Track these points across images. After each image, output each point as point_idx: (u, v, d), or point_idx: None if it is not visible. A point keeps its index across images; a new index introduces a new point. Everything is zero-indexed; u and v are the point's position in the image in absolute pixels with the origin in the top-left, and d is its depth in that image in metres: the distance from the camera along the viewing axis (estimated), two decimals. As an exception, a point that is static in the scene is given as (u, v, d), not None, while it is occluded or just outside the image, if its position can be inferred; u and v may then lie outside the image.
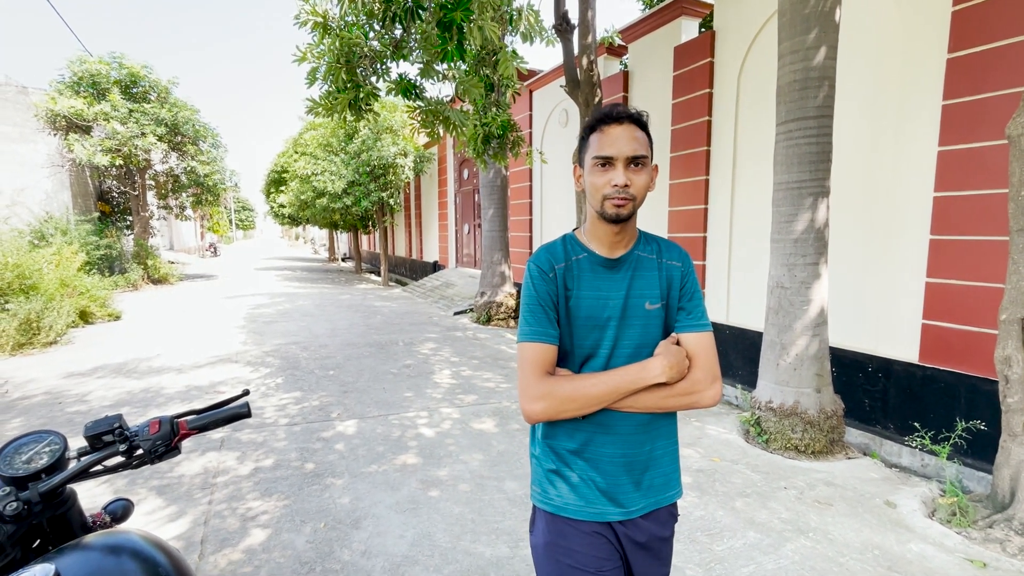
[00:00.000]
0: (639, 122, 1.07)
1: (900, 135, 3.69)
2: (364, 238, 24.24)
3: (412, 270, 17.63)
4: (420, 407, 4.44)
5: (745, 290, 5.07)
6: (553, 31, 5.37)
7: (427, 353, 6.49)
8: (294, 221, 22.24)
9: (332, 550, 2.41)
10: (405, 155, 13.30)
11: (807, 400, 3.51)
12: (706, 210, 5.44)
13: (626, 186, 1.03)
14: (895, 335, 3.76)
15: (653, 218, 6.13)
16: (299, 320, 8.80)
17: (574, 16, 5.41)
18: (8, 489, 0.83)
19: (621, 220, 1.07)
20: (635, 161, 1.05)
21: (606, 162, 1.05)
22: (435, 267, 15.14)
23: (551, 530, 1.12)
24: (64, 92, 11.34)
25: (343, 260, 27.50)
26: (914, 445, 3.44)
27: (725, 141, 5.19)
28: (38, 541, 0.89)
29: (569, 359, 1.12)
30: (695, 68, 5.40)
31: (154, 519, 2.66)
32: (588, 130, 1.10)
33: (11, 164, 11.33)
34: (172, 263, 17.22)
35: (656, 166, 1.14)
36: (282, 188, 17.99)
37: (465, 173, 12.91)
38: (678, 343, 1.12)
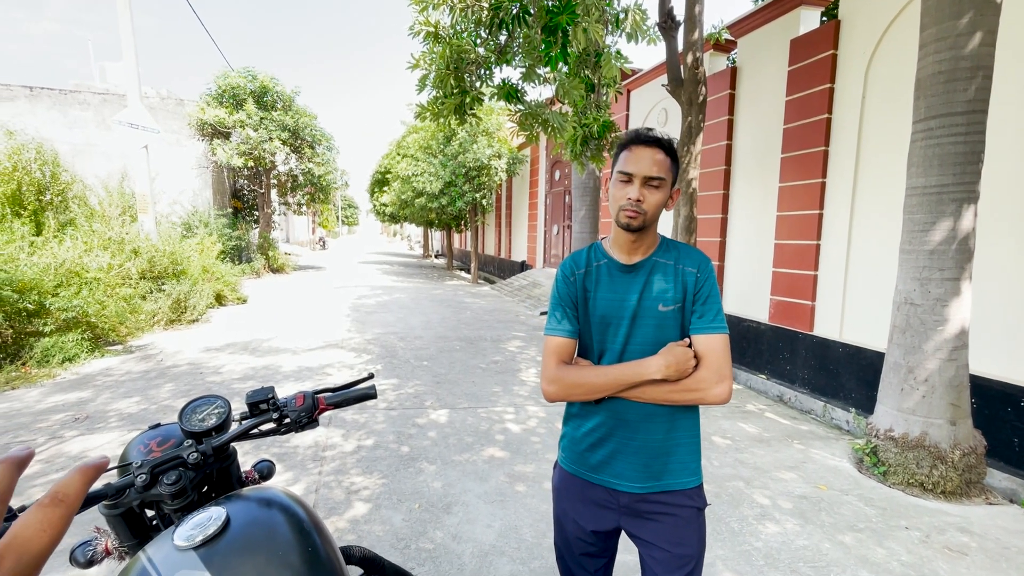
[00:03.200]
0: (665, 147, 1.18)
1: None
2: (456, 236, 25.18)
3: (500, 269, 18.01)
4: (507, 403, 4.54)
5: (863, 305, 4.59)
6: (657, 29, 5.22)
7: (513, 351, 6.62)
8: (394, 219, 23.65)
9: (425, 530, 2.56)
10: (499, 157, 13.62)
11: (938, 432, 3.10)
12: (820, 216, 5.00)
13: (639, 201, 1.16)
14: (1059, 366, 3.21)
15: (759, 223, 5.75)
16: (396, 312, 9.37)
17: (679, 12, 5.22)
18: (191, 441, 0.99)
19: (632, 230, 1.19)
20: (652, 181, 1.17)
21: (627, 178, 1.18)
22: (523, 267, 15.36)
23: (562, 480, 1.33)
24: (211, 103, 13.04)
25: (436, 257, 28.78)
26: (1079, 497, 2.91)
27: (846, 141, 4.73)
28: (206, 488, 1.05)
29: (589, 352, 1.27)
30: (815, 62, 4.97)
31: (274, 483, 2.99)
32: (620, 148, 1.23)
33: (170, 166, 13.22)
34: (288, 255, 19.10)
35: (678, 189, 1.26)
36: (385, 188, 19.21)
37: (556, 174, 12.94)
38: (691, 345, 1.21)
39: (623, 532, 1.30)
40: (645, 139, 1.19)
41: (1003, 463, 3.44)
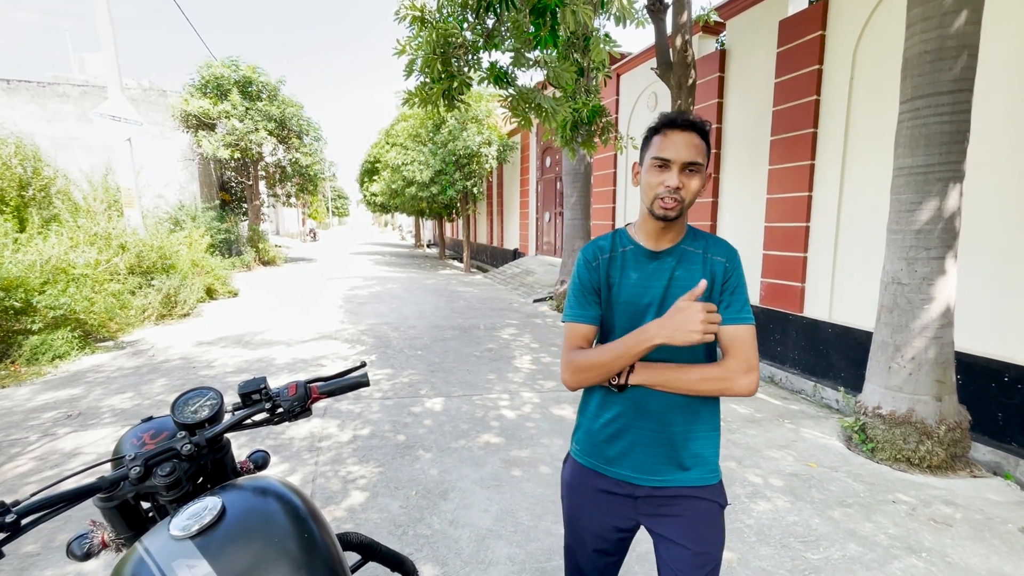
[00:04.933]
0: (701, 131, 1.14)
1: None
2: (448, 225, 25.06)
3: (493, 257, 17.99)
4: (502, 389, 4.57)
5: (852, 285, 4.64)
6: (645, 12, 5.17)
7: (507, 338, 6.64)
8: (384, 209, 23.48)
9: (423, 516, 2.59)
10: (489, 144, 13.52)
11: (924, 408, 3.17)
12: (810, 197, 5.02)
13: (678, 188, 1.11)
14: (1041, 341, 3.28)
15: (750, 207, 5.77)
16: (389, 302, 9.35)
17: (668, -6, 5.17)
18: (184, 433, 1.00)
19: (668, 220, 1.15)
20: (690, 167, 1.12)
21: (663, 164, 1.12)
22: (515, 254, 15.34)
23: (574, 474, 1.29)
24: (195, 94, 12.80)
25: (428, 246, 28.66)
26: (1060, 468, 3.00)
27: (835, 122, 4.74)
28: (201, 479, 1.06)
29: (610, 340, 1.21)
30: (803, 43, 4.96)
31: (270, 473, 2.99)
32: (652, 131, 1.17)
33: (155, 159, 13.00)
34: (278, 247, 18.94)
35: (710, 174, 1.20)
36: (375, 177, 19.04)
37: (547, 161, 12.88)
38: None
39: (641, 528, 1.26)
40: (681, 123, 1.13)
41: (987, 437, 3.52)
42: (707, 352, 1.22)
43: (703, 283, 1.07)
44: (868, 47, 4.45)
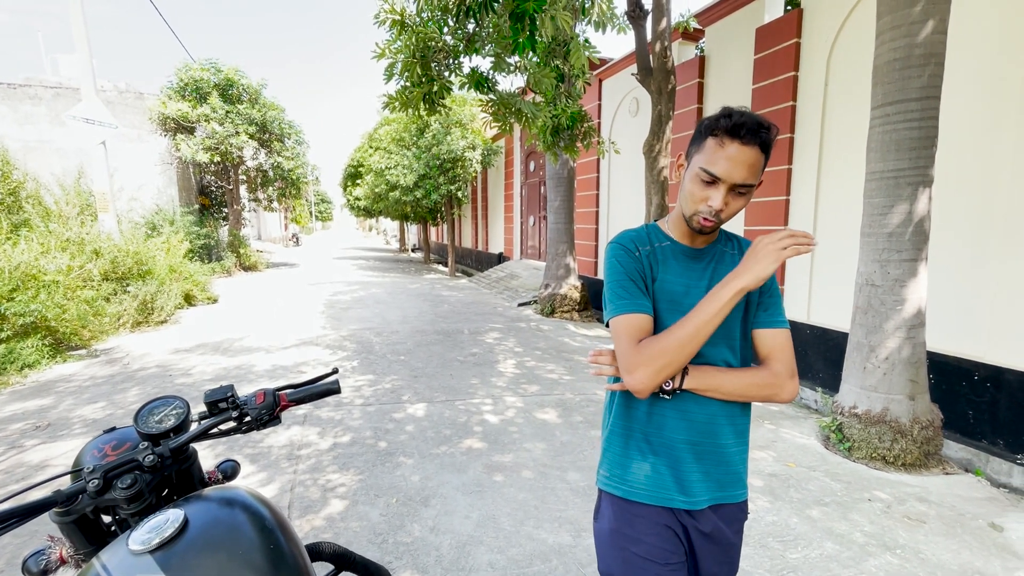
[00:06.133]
0: (764, 145, 0.99)
1: None
2: (432, 229, 24.98)
3: (478, 261, 17.96)
4: (485, 394, 4.55)
5: (828, 287, 4.74)
6: (625, 18, 5.24)
7: (491, 343, 6.62)
8: (368, 213, 23.32)
9: (403, 524, 2.55)
10: (473, 148, 13.53)
11: (898, 407, 3.24)
12: (787, 201, 5.12)
13: (720, 211, 1.02)
14: (1009, 341, 3.37)
15: (728, 210, 5.85)
16: (373, 307, 9.27)
17: (647, 1, 5.25)
18: (146, 444, 0.97)
19: (704, 234, 1.10)
20: (741, 188, 1.01)
21: (712, 180, 1.00)
22: (500, 258, 15.34)
23: (617, 516, 1.12)
24: (173, 96, 12.58)
25: (412, 251, 28.52)
26: (1028, 464, 3.08)
27: (811, 128, 4.85)
28: (166, 491, 1.03)
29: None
30: (779, 50, 5.07)
31: (247, 483, 2.94)
32: (710, 130, 1.02)
33: (131, 163, 12.74)
34: (260, 252, 18.67)
35: (761, 181, 1.06)
36: (358, 182, 18.91)
37: (531, 165, 12.92)
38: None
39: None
40: (745, 135, 0.97)
41: (958, 435, 3.61)
42: (743, 357, 1.14)
43: (810, 239, 0.97)
44: (841, 54, 4.56)
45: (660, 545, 1.08)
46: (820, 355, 4.70)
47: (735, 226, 5.73)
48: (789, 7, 5.40)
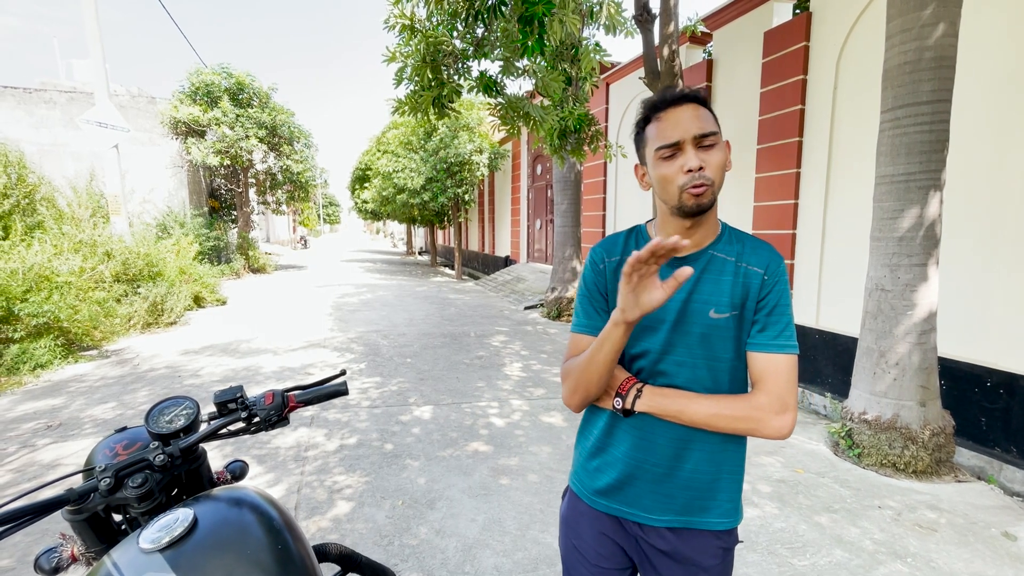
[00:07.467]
0: (698, 99, 0.94)
1: (1036, 120, 3.24)
2: (439, 233, 25.07)
3: (484, 264, 17.99)
4: (491, 397, 4.55)
5: (838, 292, 4.69)
6: (633, 22, 5.24)
7: (498, 346, 6.62)
8: (376, 216, 23.44)
9: (409, 526, 2.56)
10: (481, 152, 13.57)
11: (909, 414, 3.20)
12: (796, 205, 5.09)
13: (701, 168, 0.90)
14: (1022, 347, 3.33)
15: (738, 213, 5.83)
16: (380, 309, 9.30)
17: (655, 5, 5.25)
18: (157, 444, 0.98)
19: (704, 210, 0.93)
20: (705, 139, 0.91)
21: (673, 149, 0.92)
22: (507, 262, 15.35)
23: (569, 507, 1.15)
24: (184, 101, 12.74)
25: (420, 254, 28.61)
26: (1042, 472, 3.03)
27: (820, 131, 4.82)
28: (176, 490, 1.04)
29: (622, 358, 1.04)
30: (788, 53, 5.05)
31: (255, 484, 2.95)
32: (643, 123, 0.99)
33: (143, 166, 12.90)
34: (269, 254, 18.82)
35: (727, 142, 0.97)
36: (366, 185, 19.02)
37: (538, 168, 12.94)
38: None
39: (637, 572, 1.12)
40: (673, 98, 0.94)
41: (970, 441, 3.56)
42: (732, 379, 1.00)
43: (687, 270, 0.80)
44: (851, 58, 4.54)
45: (596, 549, 1.08)
46: (829, 360, 4.66)
47: (744, 231, 5.70)
48: (798, 11, 5.38)
